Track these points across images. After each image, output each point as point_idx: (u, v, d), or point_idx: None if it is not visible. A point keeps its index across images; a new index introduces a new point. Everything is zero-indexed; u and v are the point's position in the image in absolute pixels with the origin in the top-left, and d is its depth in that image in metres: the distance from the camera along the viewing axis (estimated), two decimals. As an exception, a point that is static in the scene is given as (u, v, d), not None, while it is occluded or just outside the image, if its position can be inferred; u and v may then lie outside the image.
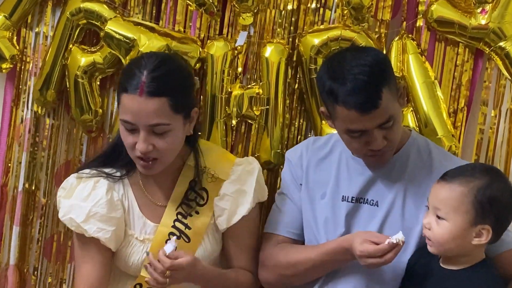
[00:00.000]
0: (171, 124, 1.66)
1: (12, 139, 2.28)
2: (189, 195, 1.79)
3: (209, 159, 1.81)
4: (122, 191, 1.80)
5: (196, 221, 1.79)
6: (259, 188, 1.82)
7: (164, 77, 1.66)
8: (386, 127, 1.66)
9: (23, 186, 2.25)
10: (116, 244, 1.77)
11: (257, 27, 2.08)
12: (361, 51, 1.76)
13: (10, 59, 2.19)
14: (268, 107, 2.05)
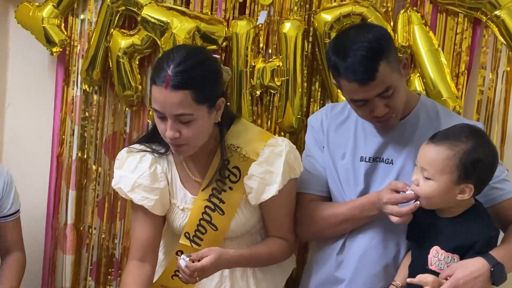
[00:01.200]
0: (195, 114, 1.68)
1: (64, 114, 2.38)
2: (222, 173, 1.80)
3: (243, 139, 1.82)
4: (166, 165, 1.85)
5: (230, 196, 1.81)
6: (289, 168, 1.79)
7: (188, 71, 1.67)
8: (386, 96, 1.70)
9: (76, 155, 2.37)
10: (161, 211, 1.85)
11: (275, 6, 2.14)
12: (364, 28, 1.78)
13: (59, 43, 2.29)
14: (288, 78, 2.11)
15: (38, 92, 2.46)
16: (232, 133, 1.82)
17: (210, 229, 1.82)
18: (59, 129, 2.40)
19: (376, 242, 1.82)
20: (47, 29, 2.29)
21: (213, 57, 1.83)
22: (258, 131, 1.88)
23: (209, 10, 2.19)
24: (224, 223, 1.82)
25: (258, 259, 1.86)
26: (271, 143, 1.80)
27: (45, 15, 2.28)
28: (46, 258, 2.45)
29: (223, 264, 1.76)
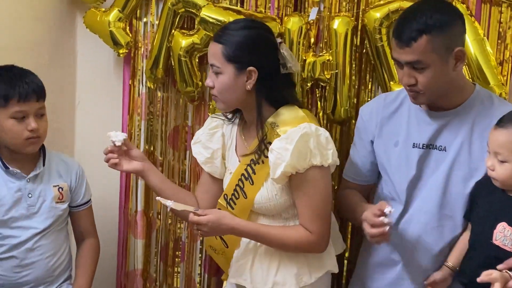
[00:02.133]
0: (221, 68, 1.80)
1: (132, 110, 2.46)
2: (260, 146, 1.85)
3: (283, 119, 1.83)
4: (229, 133, 1.97)
5: (260, 169, 1.85)
6: (306, 151, 1.76)
7: (228, 31, 1.82)
8: (416, 68, 1.70)
9: (143, 148, 2.45)
10: (211, 169, 2.00)
11: (326, 3, 2.16)
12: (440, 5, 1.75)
13: (125, 45, 2.38)
14: (337, 71, 2.14)
15: (106, 91, 2.55)
16: (278, 112, 1.85)
17: (242, 196, 1.88)
18: (128, 124, 2.49)
19: (431, 227, 1.83)
20: (114, 32, 2.37)
21: (258, 32, 1.86)
22: (300, 116, 1.84)
23: (263, 8, 2.22)
24: (252, 193, 1.85)
25: (266, 237, 1.82)
26: (300, 126, 1.78)
27: (111, 19, 2.36)
28: (120, 242, 2.57)
29: (224, 227, 1.80)
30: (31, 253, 2.03)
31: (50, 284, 2.10)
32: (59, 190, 2.09)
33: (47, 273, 2.07)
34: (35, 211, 2.04)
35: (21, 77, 1.96)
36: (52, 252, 2.08)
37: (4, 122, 1.94)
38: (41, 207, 2.05)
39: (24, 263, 2.02)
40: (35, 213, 2.04)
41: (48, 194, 2.07)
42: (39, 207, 2.05)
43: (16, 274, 2.02)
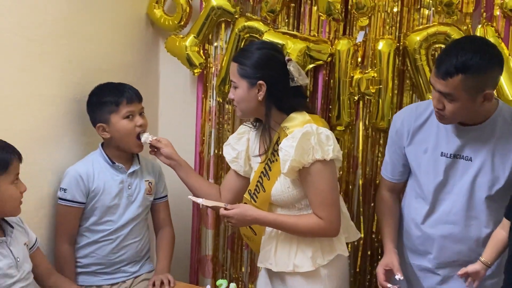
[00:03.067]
0: (237, 83, 1.82)
1: (204, 120, 2.47)
2: (274, 147, 1.84)
3: (292, 122, 1.81)
4: (253, 138, 1.95)
5: (274, 166, 1.84)
6: (308, 147, 1.73)
7: (243, 52, 1.85)
8: (446, 98, 1.64)
9: (214, 152, 2.45)
10: (236, 168, 2.00)
11: (371, 27, 2.13)
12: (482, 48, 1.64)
13: (199, 65, 2.38)
14: (381, 86, 2.11)
15: (183, 104, 2.56)
16: (290, 117, 1.83)
17: (261, 190, 1.87)
18: (200, 132, 2.49)
19: (458, 230, 1.79)
20: (190, 55, 2.38)
21: (268, 52, 1.84)
22: (306, 119, 1.80)
23: (316, 32, 2.20)
24: (269, 187, 1.84)
25: (283, 225, 1.81)
26: (306, 126, 1.76)
27: (188, 44, 2.37)
28: (193, 231, 2.56)
29: (248, 219, 1.81)
30: (126, 237, 2.05)
31: (137, 262, 2.12)
32: (149, 184, 2.12)
33: (136, 253, 2.10)
34: (133, 200, 2.07)
35: (124, 87, 2.05)
36: (140, 236, 2.11)
37: (118, 123, 2.00)
38: (137, 197, 2.07)
39: (121, 245, 2.05)
40: (132, 202, 2.06)
41: (142, 187, 2.09)
42: (136, 197, 2.07)
43: (114, 255, 2.05)
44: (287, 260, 1.84)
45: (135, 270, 2.10)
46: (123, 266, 2.07)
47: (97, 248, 2.03)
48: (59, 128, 2.05)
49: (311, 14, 2.20)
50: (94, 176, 2.00)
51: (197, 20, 2.36)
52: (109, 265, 2.05)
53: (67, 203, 1.98)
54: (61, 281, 1.87)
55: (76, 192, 1.98)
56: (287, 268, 1.84)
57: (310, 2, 2.20)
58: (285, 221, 1.81)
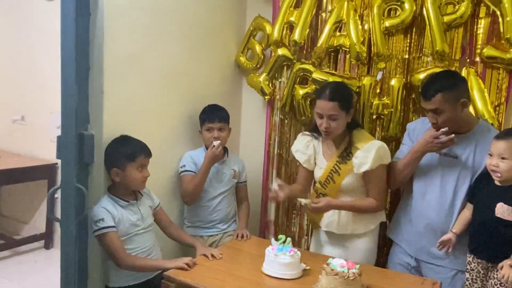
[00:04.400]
0: (338, 115, 1.80)
1: (271, 130, 2.52)
2: (343, 154, 1.87)
3: (358, 138, 1.86)
4: (317, 144, 1.96)
5: (344, 167, 1.86)
6: (379, 157, 1.80)
7: (337, 92, 1.81)
8: (436, 113, 1.67)
9: (277, 151, 2.51)
10: (309, 165, 1.95)
11: (387, 68, 2.15)
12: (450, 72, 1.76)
13: (268, 94, 2.46)
14: (392, 110, 2.13)
15: (257, 120, 2.61)
16: (354, 134, 1.87)
17: (331, 182, 1.89)
18: (268, 138, 2.54)
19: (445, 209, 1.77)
20: (263, 87, 2.46)
21: (348, 86, 1.94)
22: (367, 137, 1.88)
23: (348, 72, 2.23)
24: (339, 181, 1.87)
25: (355, 207, 1.86)
26: (371, 143, 1.84)
27: (261, 79, 2.45)
28: (262, 204, 2.62)
29: (331, 207, 1.84)
30: (219, 204, 2.17)
31: (226, 222, 2.22)
32: (234, 171, 2.22)
33: (226, 216, 2.20)
34: (222, 180, 2.18)
35: (213, 110, 2.15)
36: (228, 205, 2.21)
37: (204, 133, 2.14)
38: (224, 179, 2.19)
39: (215, 209, 2.16)
40: (221, 181, 2.18)
41: (228, 173, 2.20)
42: (223, 178, 2.19)
43: (209, 216, 2.17)
44: (346, 225, 1.90)
45: (224, 228, 2.20)
46: (217, 223, 2.19)
47: (201, 210, 2.16)
48: (179, 134, 2.21)
49: (345, 59, 2.23)
50: (200, 159, 2.12)
51: (268, 64, 2.43)
52: (206, 222, 2.18)
53: (188, 173, 2.11)
54: (177, 229, 2.01)
55: (190, 165, 2.12)
56: (346, 231, 1.90)
57: (344, 51, 2.23)
58: (356, 204, 1.86)
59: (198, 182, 2.08)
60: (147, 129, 1.99)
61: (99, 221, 1.69)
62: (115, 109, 1.83)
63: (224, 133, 2.13)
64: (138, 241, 1.77)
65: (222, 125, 2.13)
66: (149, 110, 2.03)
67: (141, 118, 1.98)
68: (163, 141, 2.12)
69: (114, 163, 1.74)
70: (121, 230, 1.74)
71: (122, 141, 1.78)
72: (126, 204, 1.78)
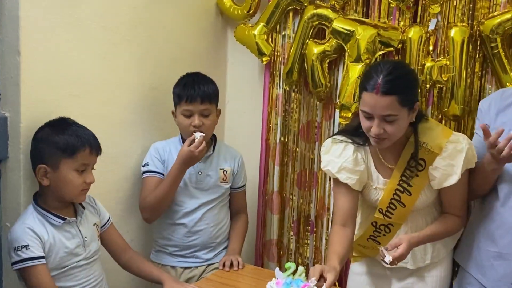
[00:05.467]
0: (399, 115, 1.69)
1: (270, 108, 2.51)
2: (410, 163, 1.81)
3: (428, 136, 1.80)
4: (363, 153, 1.87)
5: (416, 181, 1.82)
6: (467, 162, 1.78)
7: (395, 80, 1.67)
8: None
9: (280, 139, 2.49)
10: (359, 187, 1.87)
11: (443, 14, 2.10)
12: None
13: (268, 54, 2.42)
14: (454, 74, 2.09)
15: (250, 92, 2.60)
16: (420, 130, 1.81)
17: (399, 206, 1.85)
18: (267, 119, 2.53)
19: None
20: (259, 43, 2.42)
21: (412, 69, 1.87)
22: (441, 129, 1.84)
23: (386, 19, 2.20)
24: (411, 202, 1.84)
25: (437, 236, 1.87)
26: (453, 140, 1.78)
27: (257, 32, 2.41)
28: (259, 216, 2.61)
29: (412, 246, 1.79)
30: (199, 222, 2.12)
31: (213, 249, 2.18)
32: (223, 172, 2.16)
33: (210, 239, 2.16)
34: (203, 186, 2.12)
35: (193, 83, 2.05)
36: (215, 222, 2.16)
37: (178, 117, 2.08)
38: (208, 183, 2.13)
39: (193, 230, 2.12)
40: (204, 188, 2.12)
41: (215, 175, 2.14)
42: (207, 183, 2.13)
43: (187, 238, 2.13)
44: (424, 255, 1.91)
45: (209, 258, 2.15)
46: (197, 251, 2.14)
47: (173, 230, 2.12)
48: (140, 116, 2.16)
49: (381, 1, 2.20)
50: (169, 151, 2.08)
51: (267, 9, 2.40)
52: (183, 248, 2.13)
53: (151, 174, 2.07)
54: (137, 258, 1.95)
55: (156, 163, 2.07)
56: (425, 261, 1.92)
57: (380, -11, 2.19)
58: (439, 230, 1.87)
59: (163, 192, 2.04)
60: (89, 110, 1.95)
61: (22, 248, 1.64)
62: (38, 80, 1.78)
63: (209, 120, 2.07)
64: (78, 277, 1.74)
65: (208, 107, 2.06)
66: (93, 80, 1.97)
67: (80, 92, 1.92)
68: (115, 128, 2.08)
69: (42, 157, 1.68)
70: (53, 261, 1.69)
71: (57, 126, 1.72)
72: (61, 223, 1.72)
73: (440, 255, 1.94)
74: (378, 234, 1.91)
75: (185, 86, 2.05)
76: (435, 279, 1.95)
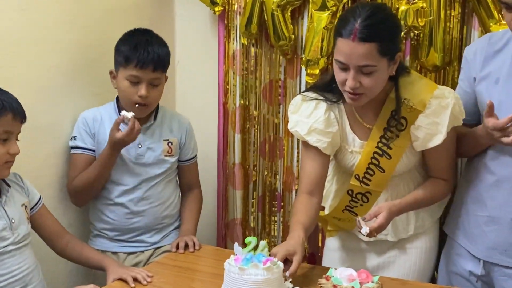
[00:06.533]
0: (377, 65, 1.70)
1: (227, 67, 2.52)
2: (390, 122, 1.84)
3: (410, 91, 1.82)
4: (338, 112, 1.90)
5: (397, 143, 1.85)
6: (454, 118, 1.81)
7: (375, 26, 1.69)
8: None
9: (239, 103, 2.52)
10: (331, 151, 1.91)
11: None
12: None
13: (220, 3, 2.43)
14: (431, 18, 2.11)
15: (203, 49, 2.61)
16: (401, 84, 1.83)
17: (378, 172, 1.89)
18: (224, 80, 2.55)
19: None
20: None
21: (394, 14, 1.90)
22: (424, 83, 1.87)
23: None
24: (391, 166, 1.88)
25: (421, 203, 1.92)
26: (437, 95, 1.81)
27: None
28: (219, 194, 2.65)
29: (393, 215, 1.83)
30: (141, 201, 2.14)
31: (160, 230, 2.20)
32: (168, 144, 2.18)
33: (156, 220, 2.18)
34: (144, 161, 2.13)
35: (146, 45, 2.03)
36: (161, 201, 2.18)
37: (121, 82, 2.07)
38: (151, 157, 2.14)
39: (135, 210, 2.14)
40: (144, 163, 2.13)
41: (158, 147, 2.16)
42: (148, 158, 2.14)
43: (128, 220, 2.14)
44: (406, 226, 1.97)
45: (156, 241, 2.18)
46: (141, 234, 2.16)
47: (111, 212, 2.13)
48: (67, 77, 2.15)
49: None
50: (101, 121, 2.08)
51: None
52: (124, 231, 2.15)
53: (78, 151, 2.08)
54: (74, 242, 1.97)
55: (85, 137, 2.08)
56: (408, 232, 1.97)
57: None
58: (423, 196, 1.91)
59: (92, 175, 2.05)
60: (9, 72, 1.93)
61: None
62: None
63: (158, 90, 2.10)
64: (7, 264, 1.73)
65: (159, 75, 2.08)
66: (10, 38, 1.94)
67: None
68: (42, 93, 2.07)
69: None
70: (-24, 247, 1.71)
71: None
72: (-18, 203, 1.74)
73: (425, 225, 1.99)
74: (354, 204, 1.96)
75: (137, 47, 2.03)
76: (419, 251, 2.00)
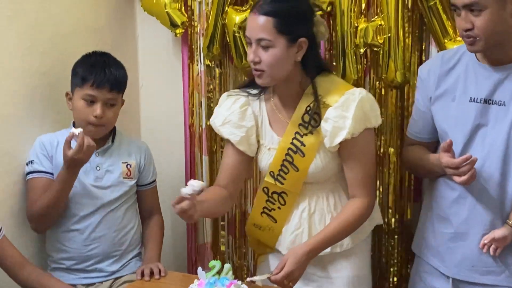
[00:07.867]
0: (273, 41, 1.81)
1: (192, 89, 2.55)
2: (304, 118, 1.91)
3: (325, 88, 1.90)
4: (258, 108, 1.99)
5: (310, 140, 1.91)
6: (363, 115, 1.86)
7: (276, 2, 1.83)
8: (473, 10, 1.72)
9: (205, 124, 2.53)
10: (247, 149, 2.00)
11: None
12: None
13: (181, 25, 2.47)
14: (390, 35, 2.17)
15: (167, 71, 2.64)
16: (318, 82, 1.91)
17: (292, 170, 1.94)
18: (189, 102, 2.58)
19: (493, 183, 1.84)
20: (170, 13, 2.46)
21: (308, 4, 1.96)
22: (341, 83, 1.97)
23: None
24: (305, 165, 1.92)
25: (337, 235, 1.91)
26: (349, 92, 1.88)
27: (167, 0, 2.45)
28: None
29: (306, 258, 1.84)
30: (98, 226, 2.15)
31: (120, 258, 2.20)
32: (127, 166, 2.21)
33: (114, 247, 2.18)
34: (102, 184, 2.17)
35: (103, 66, 2.10)
36: (119, 227, 2.20)
37: (77, 102, 2.11)
38: (108, 181, 2.17)
39: (92, 236, 2.15)
40: (102, 186, 2.16)
41: (116, 169, 2.19)
42: (107, 180, 2.17)
43: (85, 247, 2.15)
44: None
45: (115, 269, 2.18)
46: (97, 262, 2.16)
47: (67, 239, 2.14)
48: (23, 105, 2.16)
49: None
50: (57, 145, 2.10)
51: None
52: (82, 259, 2.15)
53: (37, 175, 2.10)
54: (37, 273, 1.99)
55: (43, 160, 2.10)
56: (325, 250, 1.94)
57: None
58: (337, 228, 1.90)
59: (52, 198, 2.06)
60: None
61: None
62: None
63: (113, 111, 2.15)
64: None
65: (115, 96, 2.14)
66: None
67: None
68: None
69: None
70: None
71: None
72: None
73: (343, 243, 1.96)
74: (271, 205, 2.01)
75: (93, 67, 2.10)
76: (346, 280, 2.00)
